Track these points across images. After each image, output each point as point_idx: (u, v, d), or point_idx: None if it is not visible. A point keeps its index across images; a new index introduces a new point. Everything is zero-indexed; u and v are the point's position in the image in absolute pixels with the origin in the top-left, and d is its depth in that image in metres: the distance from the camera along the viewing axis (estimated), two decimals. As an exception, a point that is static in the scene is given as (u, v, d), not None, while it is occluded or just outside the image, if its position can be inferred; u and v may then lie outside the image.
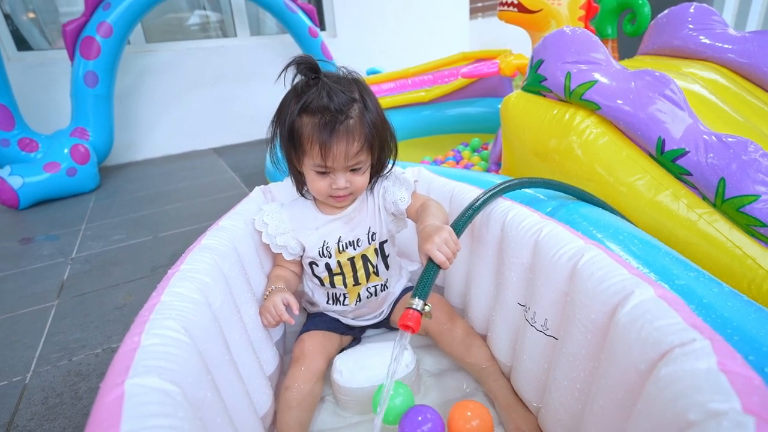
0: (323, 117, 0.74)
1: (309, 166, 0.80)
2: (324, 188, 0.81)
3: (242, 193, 2.37)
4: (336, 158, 0.76)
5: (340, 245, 0.88)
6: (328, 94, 0.74)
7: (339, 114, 0.74)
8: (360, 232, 0.89)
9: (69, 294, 1.44)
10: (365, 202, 0.90)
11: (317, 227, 0.88)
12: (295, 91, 0.78)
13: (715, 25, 1.55)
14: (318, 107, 0.74)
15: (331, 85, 0.75)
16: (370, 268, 0.91)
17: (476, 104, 2.68)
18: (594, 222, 0.84)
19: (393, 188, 0.89)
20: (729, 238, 0.92)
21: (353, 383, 0.80)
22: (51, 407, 0.96)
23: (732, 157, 0.91)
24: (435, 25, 4.65)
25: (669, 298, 0.49)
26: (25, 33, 3.04)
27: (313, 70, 0.76)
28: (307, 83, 0.77)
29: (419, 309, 0.64)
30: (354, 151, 0.76)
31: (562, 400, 0.64)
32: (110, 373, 0.44)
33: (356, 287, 0.91)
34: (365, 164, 0.81)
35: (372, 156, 0.82)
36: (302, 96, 0.75)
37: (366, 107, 0.78)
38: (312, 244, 0.88)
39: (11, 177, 2.30)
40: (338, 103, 0.74)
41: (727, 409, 0.35)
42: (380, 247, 0.91)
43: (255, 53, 3.73)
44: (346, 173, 0.80)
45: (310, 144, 0.76)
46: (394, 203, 0.88)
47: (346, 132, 0.75)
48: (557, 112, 1.19)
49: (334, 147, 0.75)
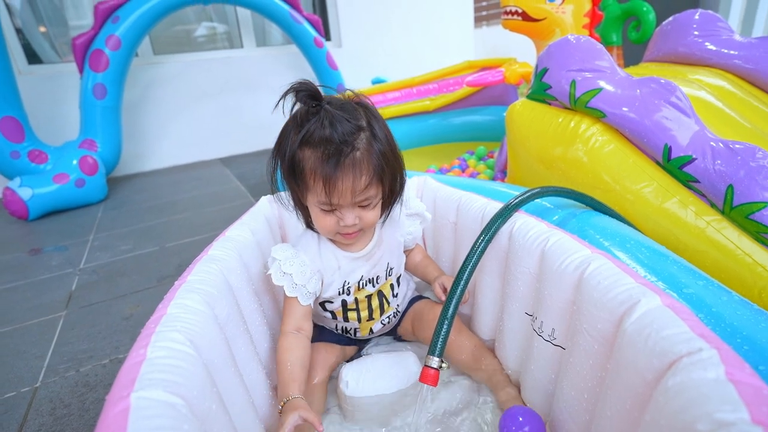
0: (326, 149, 0.67)
1: (313, 203, 0.73)
2: (331, 226, 0.74)
3: (249, 202, 2.38)
4: (342, 195, 0.69)
5: (360, 283, 0.84)
6: (331, 123, 0.67)
7: (344, 146, 0.67)
8: (380, 269, 0.85)
9: (77, 305, 1.45)
10: (383, 237, 0.85)
11: (339, 266, 0.82)
12: (294, 120, 0.71)
13: (721, 31, 1.54)
14: (320, 139, 0.67)
15: (335, 113, 0.67)
16: (385, 303, 0.89)
17: (481, 113, 2.69)
18: (601, 230, 0.84)
19: (408, 221, 0.91)
20: (738, 245, 0.91)
21: (360, 393, 0.80)
22: (58, 418, 0.97)
23: (740, 163, 0.90)
24: (440, 34, 4.67)
25: (676, 307, 0.49)
26: (36, 47, 3.08)
27: (314, 98, 0.69)
28: (307, 111, 0.69)
29: (436, 367, 0.70)
30: (362, 186, 0.69)
31: (570, 410, 0.63)
32: (116, 385, 0.44)
33: (369, 322, 0.90)
34: (375, 198, 0.74)
35: (383, 188, 0.75)
36: (303, 126, 0.68)
37: (374, 136, 0.71)
38: (333, 284, 0.82)
39: (21, 188, 2.33)
40: (342, 134, 0.67)
41: (736, 420, 0.35)
42: (396, 280, 0.90)
43: (261, 64, 3.76)
44: (355, 209, 0.73)
45: (313, 179, 0.69)
46: (406, 237, 0.91)
47: (352, 165, 0.68)
48: (562, 120, 1.19)
49: (339, 183, 0.68)
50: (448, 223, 1.01)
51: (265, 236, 0.96)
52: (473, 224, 0.91)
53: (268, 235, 0.98)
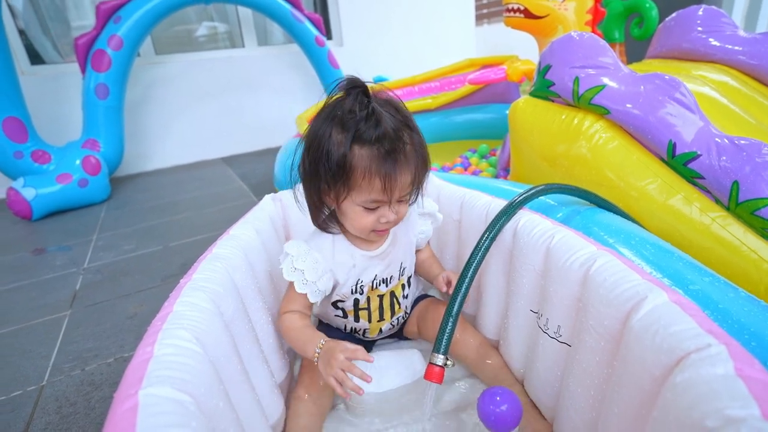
0: (381, 147, 0.65)
1: (357, 202, 0.70)
2: (370, 224, 0.72)
3: (251, 202, 2.38)
4: (398, 190, 0.69)
5: (374, 283, 0.84)
6: (383, 120, 0.66)
7: (398, 142, 0.66)
8: (393, 269, 0.85)
9: (81, 304, 1.46)
10: (398, 236, 0.85)
11: (354, 265, 0.81)
12: (334, 119, 0.67)
13: (725, 27, 1.54)
14: (375, 137, 0.65)
15: (381, 110, 0.66)
16: (396, 304, 0.89)
17: (484, 110, 2.68)
18: (605, 227, 0.83)
19: (421, 220, 0.90)
20: (744, 241, 0.91)
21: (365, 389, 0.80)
22: (65, 417, 0.97)
23: (745, 159, 0.90)
24: (441, 32, 4.66)
25: (683, 303, 0.49)
26: (39, 47, 3.09)
27: (367, 94, 0.67)
28: (350, 109, 0.66)
29: (441, 364, 0.70)
30: (410, 181, 0.70)
31: (576, 407, 0.63)
32: (124, 383, 0.44)
33: (380, 323, 0.90)
34: (412, 192, 0.74)
35: (419, 181, 0.74)
36: (349, 124, 0.66)
37: (413, 129, 0.71)
38: (347, 283, 0.81)
39: (24, 189, 2.33)
40: (394, 130, 0.66)
41: (746, 416, 0.34)
42: (407, 280, 0.90)
43: (263, 63, 3.76)
44: (395, 204, 0.72)
45: (368, 178, 0.66)
46: (418, 236, 0.90)
47: (406, 161, 0.68)
48: (566, 117, 1.19)
49: (398, 179, 0.67)
50: (452, 221, 1.01)
51: (269, 235, 0.96)
52: (477, 222, 0.91)
53: (272, 233, 0.98)
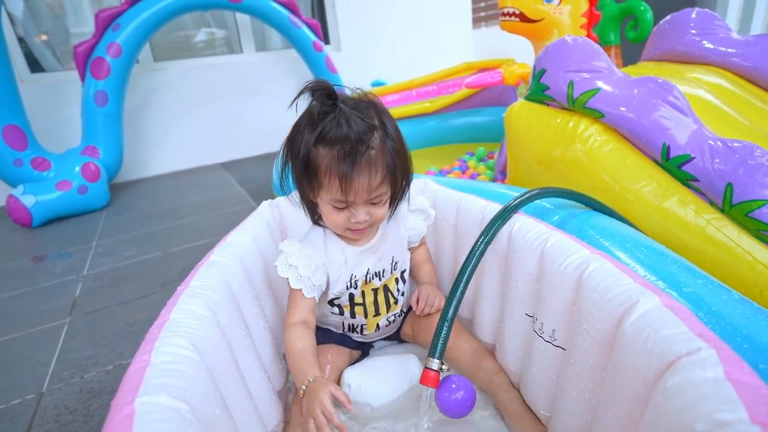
0: (342, 148, 0.68)
1: (326, 200, 0.74)
2: (342, 222, 0.75)
3: (250, 207, 2.38)
4: (357, 192, 0.70)
5: (367, 277, 0.85)
6: (347, 122, 0.68)
7: (359, 144, 0.68)
8: (385, 263, 0.86)
9: (81, 311, 1.46)
10: (388, 231, 0.87)
11: (346, 260, 0.83)
12: (310, 117, 0.71)
13: (718, 29, 1.54)
14: (337, 137, 0.68)
15: (350, 113, 0.68)
16: (391, 298, 0.90)
17: (481, 114, 2.69)
18: (600, 230, 0.84)
19: (412, 216, 0.91)
20: (738, 243, 0.92)
21: (362, 397, 0.80)
22: (64, 425, 0.97)
23: (738, 161, 0.91)
24: (438, 36, 4.68)
25: (675, 307, 0.49)
26: (38, 55, 3.10)
27: (330, 97, 0.70)
28: (322, 110, 0.69)
29: (436, 369, 0.70)
30: (376, 184, 0.71)
31: (571, 411, 0.63)
32: (121, 391, 0.45)
33: (376, 318, 0.90)
34: (386, 195, 0.76)
35: (394, 186, 0.76)
36: (318, 124, 0.69)
37: (386, 134, 0.72)
38: (340, 278, 0.83)
39: (24, 196, 2.34)
40: (358, 132, 0.68)
41: (734, 419, 0.35)
42: (401, 275, 0.91)
43: (261, 69, 3.77)
44: (366, 206, 0.74)
45: (328, 178, 0.70)
46: (409, 232, 0.91)
47: (368, 164, 0.69)
48: (561, 121, 1.19)
49: (355, 181, 0.69)
50: (448, 225, 1.02)
51: (266, 241, 0.96)
52: (473, 226, 0.92)
53: (269, 239, 0.98)
